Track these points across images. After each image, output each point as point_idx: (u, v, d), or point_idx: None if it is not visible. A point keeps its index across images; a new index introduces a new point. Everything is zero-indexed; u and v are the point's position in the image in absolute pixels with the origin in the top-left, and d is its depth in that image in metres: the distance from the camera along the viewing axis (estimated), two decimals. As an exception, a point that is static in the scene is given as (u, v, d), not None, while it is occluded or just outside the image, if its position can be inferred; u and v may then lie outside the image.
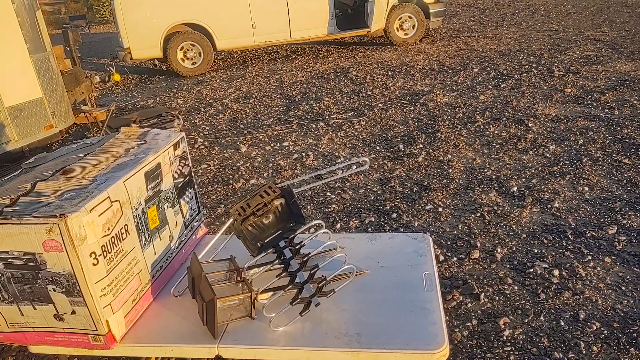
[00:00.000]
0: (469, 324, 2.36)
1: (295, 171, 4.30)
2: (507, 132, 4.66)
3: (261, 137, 5.28)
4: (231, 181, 4.27)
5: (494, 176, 3.82)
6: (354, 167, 4.09)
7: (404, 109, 5.65)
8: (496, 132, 4.71)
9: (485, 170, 3.94)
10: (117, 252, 1.54)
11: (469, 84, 6.42)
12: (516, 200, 3.44)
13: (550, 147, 4.24)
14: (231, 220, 1.85)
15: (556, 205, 3.32)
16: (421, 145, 4.53)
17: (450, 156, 4.25)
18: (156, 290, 1.77)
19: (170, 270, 1.87)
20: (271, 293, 1.63)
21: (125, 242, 1.59)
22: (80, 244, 1.39)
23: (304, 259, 1.67)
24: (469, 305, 2.49)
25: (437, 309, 1.57)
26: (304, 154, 4.66)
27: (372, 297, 1.66)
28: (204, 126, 5.88)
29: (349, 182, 3.97)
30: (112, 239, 1.52)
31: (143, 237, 1.69)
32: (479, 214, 3.30)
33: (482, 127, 4.87)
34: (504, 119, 5.03)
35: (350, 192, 3.79)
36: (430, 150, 4.40)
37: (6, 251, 1.42)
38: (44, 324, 1.53)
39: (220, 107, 6.61)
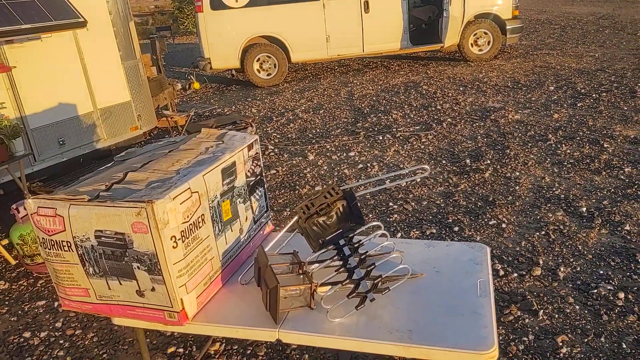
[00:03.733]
0: (525, 338, 2.34)
1: (360, 180, 4.39)
2: (580, 152, 4.50)
3: (328, 147, 5.43)
4: (297, 187, 4.43)
5: (562, 195, 3.71)
6: (415, 174, 4.12)
7: (474, 125, 5.60)
8: (568, 151, 4.56)
9: (554, 189, 3.83)
10: (193, 238, 1.71)
11: (544, 102, 6.24)
12: (584, 220, 3.33)
13: (626, 169, 4.05)
14: (296, 217, 1.98)
15: (627, 228, 3.18)
16: (489, 161, 4.48)
17: (518, 173, 4.18)
18: (225, 278, 1.93)
19: (238, 260, 2.02)
20: (329, 286, 1.73)
21: (201, 230, 1.75)
22: (163, 228, 1.57)
23: (362, 257, 1.76)
24: (527, 320, 2.46)
25: (488, 314, 1.60)
26: (369, 165, 4.75)
27: (426, 299, 1.71)
28: (275, 134, 6.13)
29: (411, 194, 4.00)
30: (190, 226, 1.69)
31: (217, 227, 1.85)
32: (543, 232, 3.23)
33: (553, 145, 4.73)
34: (578, 138, 4.86)
35: (413, 204, 3.83)
36: (498, 167, 4.35)
37: (100, 230, 1.63)
38: (127, 298, 1.73)
39: (291, 117, 6.85)
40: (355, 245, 1.81)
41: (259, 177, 2.21)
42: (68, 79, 4.35)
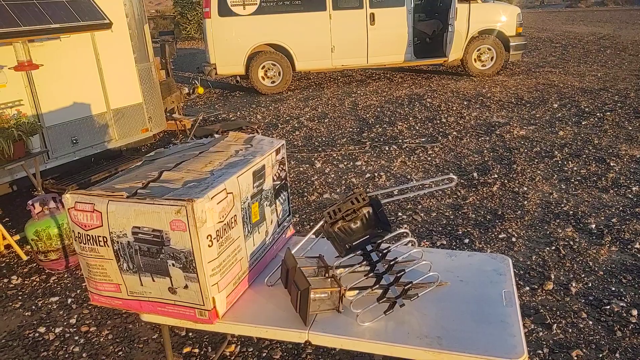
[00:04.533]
0: (540, 351, 2.37)
1: (368, 190, 4.43)
2: (586, 170, 4.57)
3: (335, 155, 5.48)
4: (306, 194, 4.47)
5: (571, 212, 3.77)
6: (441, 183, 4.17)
7: (479, 139, 5.67)
8: (575, 168, 4.63)
9: (562, 205, 3.89)
10: (226, 238, 1.74)
11: (548, 119, 6.32)
12: (594, 237, 3.38)
13: (633, 188, 4.12)
14: (322, 222, 2.01)
15: (637, 246, 3.23)
16: (496, 175, 4.54)
17: (525, 188, 4.23)
18: (251, 279, 1.95)
19: (263, 262, 2.05)
20: (357, 291, 1.76)
21: (233, 231, 1.78)
22: (201, 226, 1.59)
23: (391, 263, 1.79)
24: (541, 334, 2.49)
25: (516, 323, 1.63)
26: (376, 174, 4.80)
27: (452, 307, 1.75)
28: (282, 141, 6.17)
29: (420, 205, 4.05)
30: (224, 226, 1.72)
31: (246, 229, 1.88)
32: (554, 247, 3.28)
33: (560, 162, 4.80)
34: (584, 156, 4.93)
35: (422, 215, 3.87)
36: (506, 181, 4.40)
37: (138, 226, 1.65)
38: (158, 295, 1.75)
39: (296, 125, 6.90)
40: (384, 252, 1.85)
41: (283, 181, 2.24)
42: (83, 79, 4.38)
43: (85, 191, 1.72)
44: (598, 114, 6.36)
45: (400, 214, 3.91)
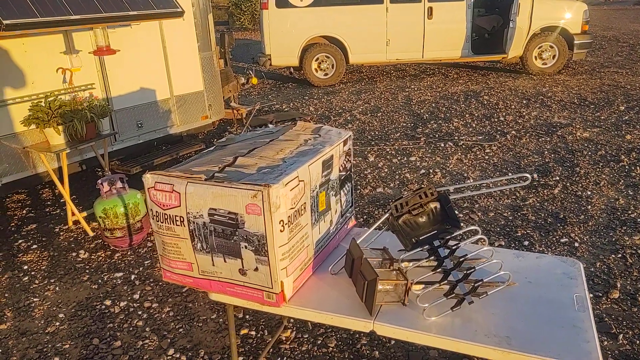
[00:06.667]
0: (604, 361, 2.29)
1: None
2: (656, 176, 4.35)
3: (388, 150, 5.44)
4: (359, 187, 4.47)
5: (639, 219, 3.60)
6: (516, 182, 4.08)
7: (539, 139, 5.49)
8: (643, 174, 4.41)
9: (630, 212, 3.72)
10: (296, 224, 1.77)
11: (614, 121, 6.04)
12: (664, 247, 3.23)
13: None
14: (387, 214, 2.01)
15: None
16: (557, 178, 4.39)
17: (589, 192, 4.07)
18: (316, 266, 1.98)
19: (326, 251, 2.08)
20: (423, 285, 1.76)
21: (302, 218, 1.81)
22: (275, 211, 1.63)
23: (460, 260, 1.77)
24: (605, 343, 2.41)
25: (590, 329, 1.58)
26: (431, 171, 4.74)
27: (521, 308, 1.71)
28: (335, 133, 6.18)
29: (477, 204, 3.97)
30: (295, 212, 1.75)
31: (314, 217, 1.91)
32: (620, 255, 3.15)
33: (627, 167, 4.58)
34: (654, 162, 4.69)
35: (479, 214, 3.80)
36: (568, 184, 4.25)
37: (214, 208, 1.71)
38: (228, 275, 1.80)
39: (349, 118, 6.90)
40: (453, 248, 1.83)
41: (348, 172, 2.26)
42: (150, 65, 4.54)
43: (165, 172, 1.79)
44: (669, 119, 6.02)
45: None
